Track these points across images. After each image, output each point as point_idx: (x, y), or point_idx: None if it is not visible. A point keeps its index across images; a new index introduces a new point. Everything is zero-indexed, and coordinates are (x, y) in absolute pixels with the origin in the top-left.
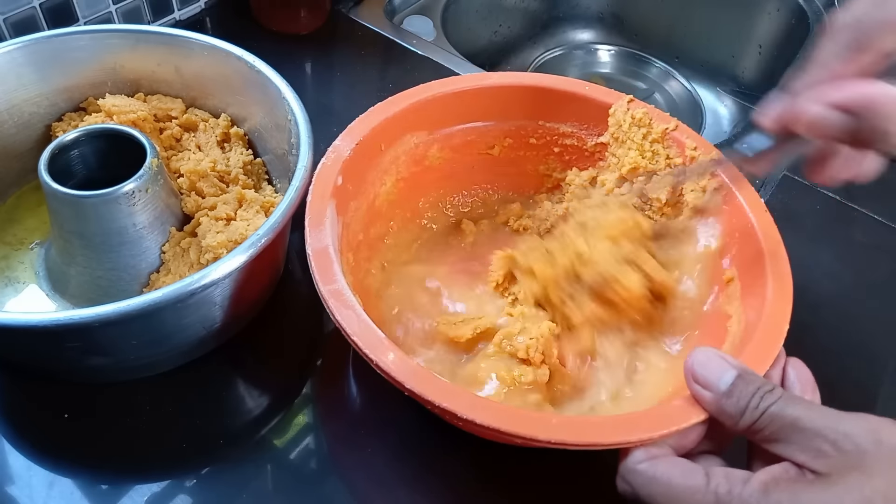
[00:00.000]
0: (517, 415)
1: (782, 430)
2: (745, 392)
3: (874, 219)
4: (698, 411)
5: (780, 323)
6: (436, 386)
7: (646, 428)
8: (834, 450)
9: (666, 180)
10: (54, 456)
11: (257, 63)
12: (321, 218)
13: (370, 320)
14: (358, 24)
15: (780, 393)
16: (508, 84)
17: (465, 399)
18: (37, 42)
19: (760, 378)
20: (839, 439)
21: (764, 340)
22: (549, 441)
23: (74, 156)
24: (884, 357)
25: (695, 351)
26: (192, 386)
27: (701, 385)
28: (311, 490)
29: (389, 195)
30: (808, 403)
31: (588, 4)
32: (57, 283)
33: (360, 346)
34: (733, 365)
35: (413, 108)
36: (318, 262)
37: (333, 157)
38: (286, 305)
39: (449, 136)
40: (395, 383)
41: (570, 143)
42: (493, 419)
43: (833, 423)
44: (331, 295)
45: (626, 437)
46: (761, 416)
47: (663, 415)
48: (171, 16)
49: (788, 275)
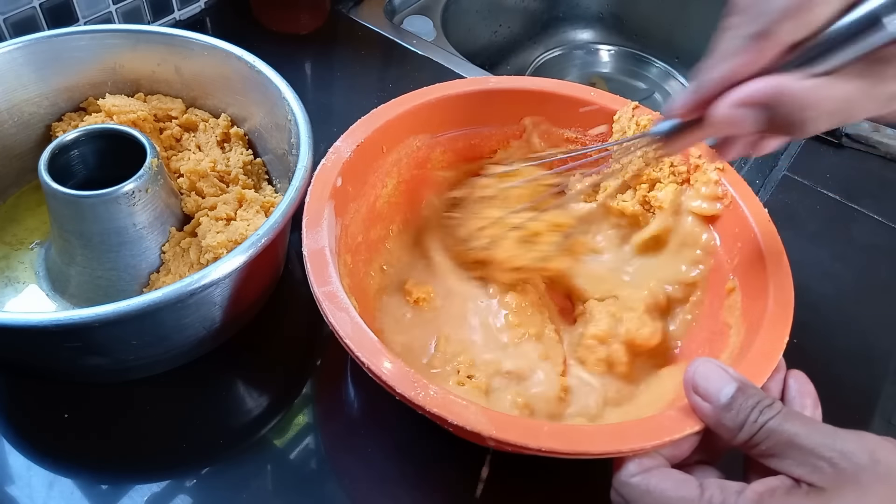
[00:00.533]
0: (508, 422)
1: (779, 445)
2: (745, 406)
3: (874, 219)
4: (692, 422)
5: (779, 334)
6: (427, 392)
7: (638, 438)
8: (830, 467)
9: (595, 178)
10: (54, 456)
11: (257, 63)
12: (318, 219)
13: (364, 323)
14: (358, 24)
15: (779, 408)
16: (512, 88)
17: (455, 406)
18: (37, 42)
19: (761, 392)
20: (835, 457)
21: (763, 351)
22: (540, 449)
23: (74, 156)
24: (884, 357)
25: (696, 361)
26: (191, 386)
27: (701, 396)
28: (311, 490)
29: (391, 197)
30: (807, 420)
31: (588, 4)
32: (57, 283)
33: (353, 349)
34: (734, 378)
35: (416, 111)
36: (313, 263)
37: (333, 159)
38: (286, 305)
39: (452, 140)
40: (386, 388)
41: (573, 149)
42: (483, 426)
43: (830, 441)
44: (325, 297)
45: (618, 447)
46: (759, 431)
47: (656, 425)
48: (171, 16)
49: (790, 286)
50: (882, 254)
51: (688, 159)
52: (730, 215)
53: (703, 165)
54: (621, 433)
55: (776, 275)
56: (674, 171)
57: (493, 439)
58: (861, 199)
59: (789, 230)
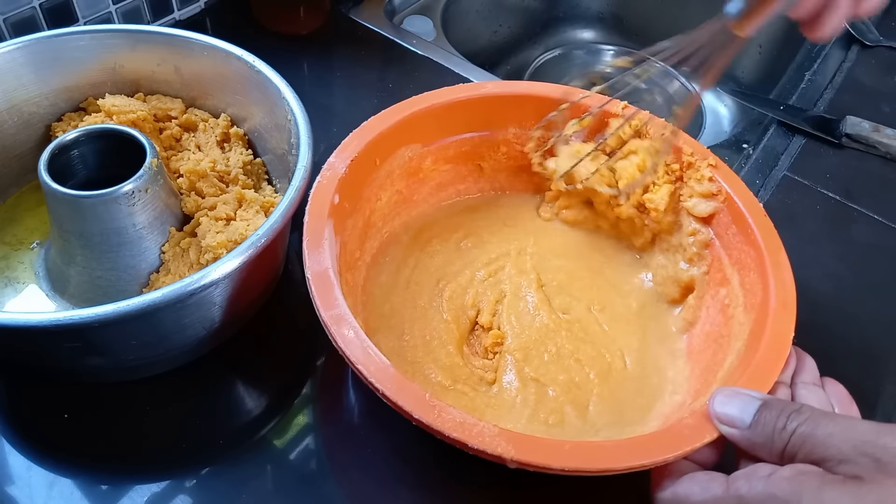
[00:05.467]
0: (528, 443)
1: (816, 448)
2: (769, 418)
3: (874, 219)
4: (710, 429)
5: (785, 331)
6: (446, 417)
7: (659, 450)
8: (873, 462)
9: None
10: (54, 456)
11: (257, 63)
12: (319, 239)
13: (374, 345)
14: (358, 24)
15: (808, 413)
16: (503, 93)
17: (476, 430)
18: (37, 42)
19: (786, 401)
20: (878, 451)
21: (771, 347)
22: (563, 469)
23: (74, 156)
24: (884, 357)
25: (715, 392)
26: (191, 386)
27: (727, 424)
28: (311, 490)
29: (384, 210)
30: (840, 418)
31: (588, 4)
32: (56, 283)
33: (365, 374)
34: (756, 397)
35: (407, 121)
36: (318, 285)
37: (329, 175)
38: (286, 305)
39: (443, 148)
40: (402, 413)
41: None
42: (503, 449)
43: (873, 438)
44: (332, 321)
45: (640, 461)
46: (791, 438)
47: (676, 435)
48: (171, 16)
49: (791, 280)
50: (882, 254)
51: (680, 157)
52: (725, 210)
53: (697, 162)
54: (642, 447)
55: (776, 269)
56: (667, 169)
57: (515, 461)
58: (861, 199)
59: (789, 230)
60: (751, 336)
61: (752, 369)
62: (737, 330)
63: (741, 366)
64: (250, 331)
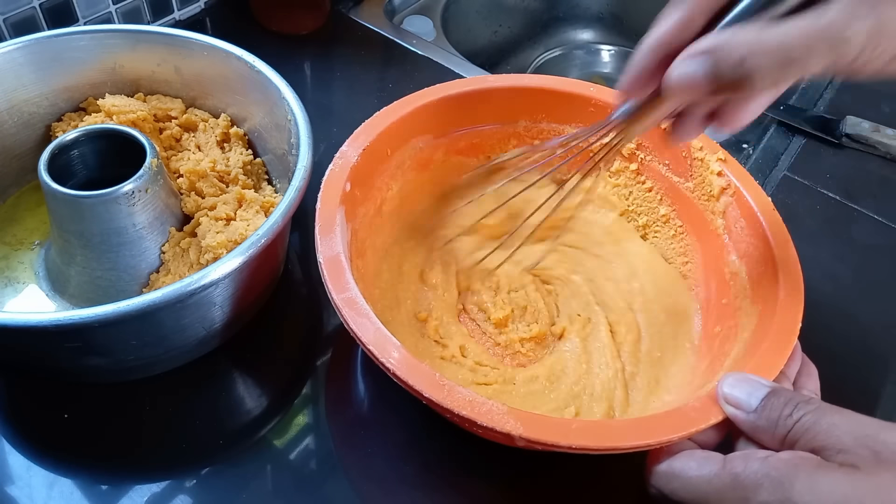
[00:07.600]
0: (536, 421)
1: (817, 437)
2: (777, 404)
3: (874, 219)
4: (716, 412)
5: (793, 322)
6: (457, 396)
7: (665, 430)
8: (871, 454)
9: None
10: (54, 456)
11: (257, 63)
12: (331, 225)
13: (385, 328)
14: (358, 24)
15: (816, 404)
16: (513, 86)
17: (483, 408)
18: (37, 42)
19: (794, 392)
20: (878, 445)
21: (777, 340)
22: (570, 447)
23: (74, 156)
24: (884, 357)
25: (725, 376)
26: (192, 386)
27: (733, 405)
28: (311, 490)
29: (395, 199)
30: (846, 412)
31: (588, 4)
32: (56, 284)
33: (377, 355)
34: (765, 384)
35: (419, 112)
36: (330, 270)
37: (341, 164)
38: (286, 305)
39: (455, 140)
40: (413, 392)
41: (574, 145)
42: (511, 426)
43: (874, 432)
44: (345, 304)
45: (647, 440)
46: (795, 426)
47: (682, 416)
48: (171, 16)
49: (799, 274)
50: (882, 254)
51: (690, 151)
52: (734, 204)
53: (706, 157)
54: (649, 426)
55: (784, 262)
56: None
57: (523, 439)
58: (861, 199)
59: (789, 230)
60: (757, 326)
61: (758, 358)
62: (744, 321)
63: (747, 355)
64: (250, 331)
